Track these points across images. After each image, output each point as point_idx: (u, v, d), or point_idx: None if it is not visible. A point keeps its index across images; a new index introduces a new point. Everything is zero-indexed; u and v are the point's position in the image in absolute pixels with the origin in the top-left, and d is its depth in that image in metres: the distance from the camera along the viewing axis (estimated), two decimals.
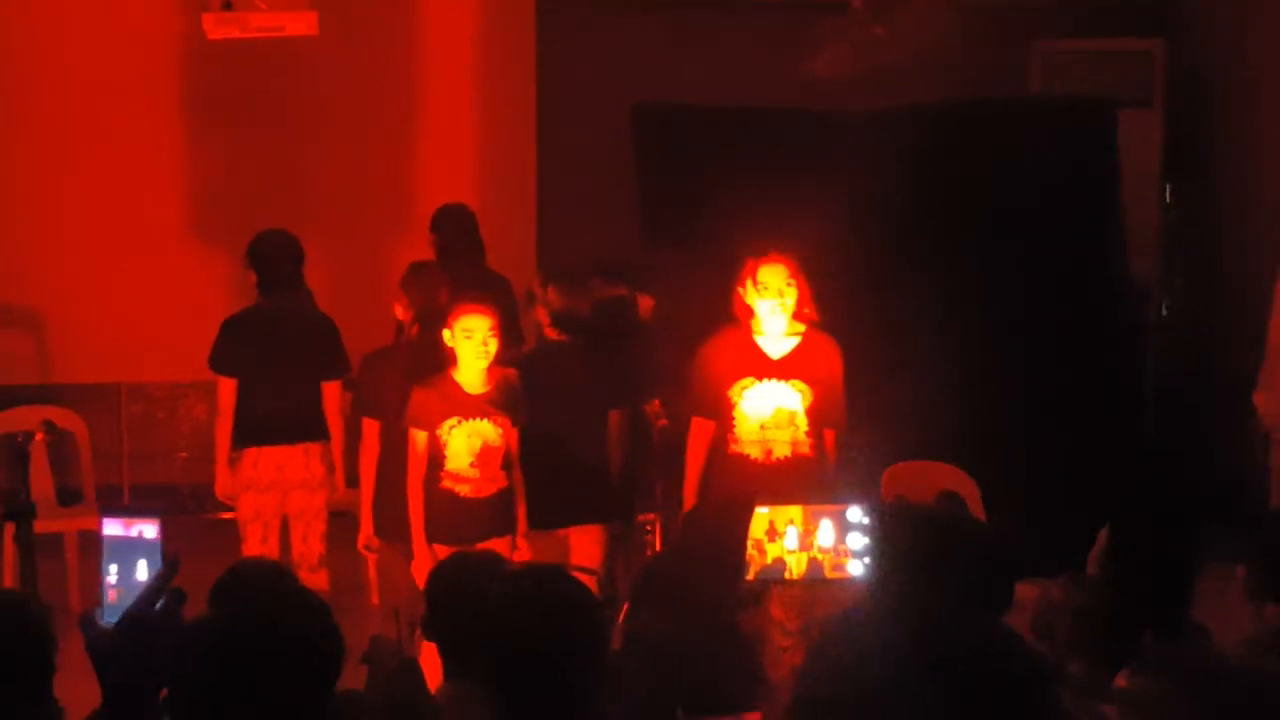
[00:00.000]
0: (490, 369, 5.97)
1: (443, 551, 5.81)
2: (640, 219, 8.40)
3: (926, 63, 9.21)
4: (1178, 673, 3.24)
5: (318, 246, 7.19)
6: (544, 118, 9.28)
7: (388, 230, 8.86)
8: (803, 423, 6.01)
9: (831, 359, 6.12)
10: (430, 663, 4.24)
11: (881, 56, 9.31)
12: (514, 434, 6.03)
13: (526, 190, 9.25)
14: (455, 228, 7.52)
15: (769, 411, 6.01)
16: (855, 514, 4.48)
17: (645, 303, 6.92)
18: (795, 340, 6.06)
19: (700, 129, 8.51)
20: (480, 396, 5.97)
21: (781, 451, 5.98)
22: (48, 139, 8.81)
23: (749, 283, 6.00)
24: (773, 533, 4.47)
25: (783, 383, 6.02)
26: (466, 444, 5.94)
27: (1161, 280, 9.75)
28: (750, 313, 6.04)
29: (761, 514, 4.50)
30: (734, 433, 6.03)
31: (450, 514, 5.95)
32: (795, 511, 4.54)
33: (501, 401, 6.00)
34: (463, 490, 5.96)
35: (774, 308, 5.98)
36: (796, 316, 6.05)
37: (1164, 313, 9.81)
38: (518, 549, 6.01)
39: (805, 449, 6.01)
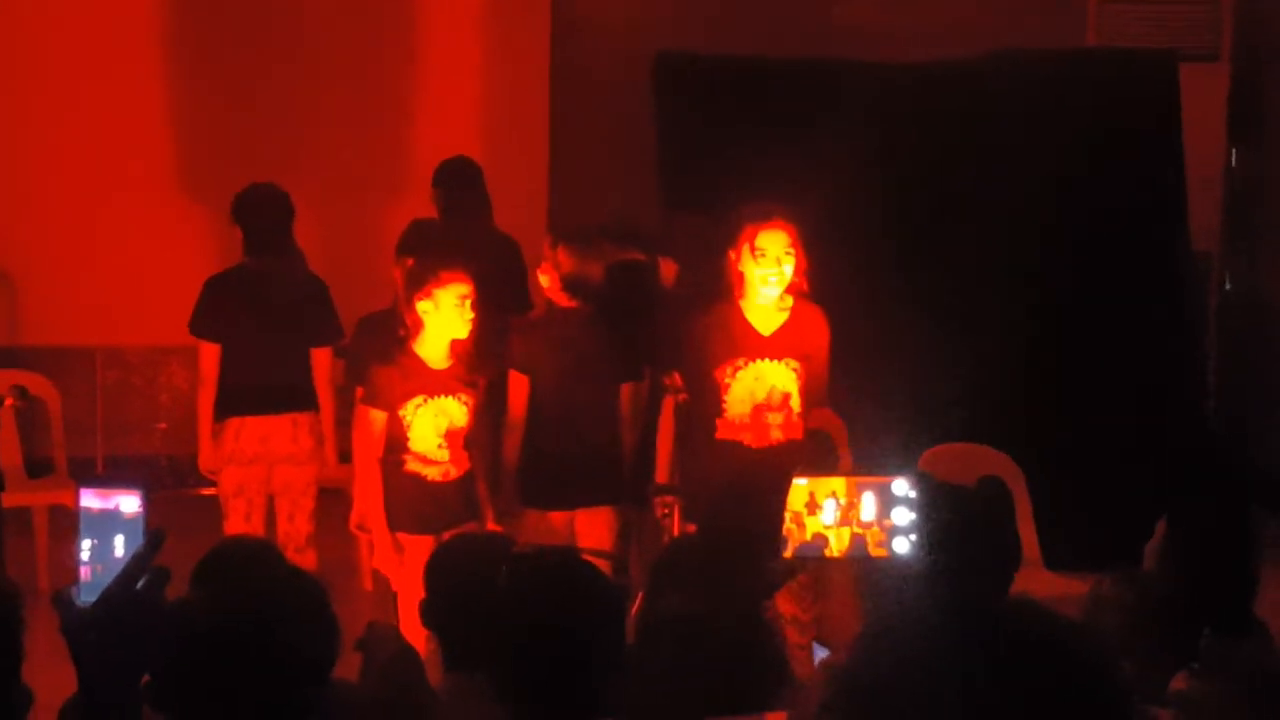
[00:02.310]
0: (453, 341, 5.94)
1: (407, 540, 5.80)
2: (660, 178, 8.37)
3: (974, 12, 9.17)
4: (1238, 673, 3.24)
5: (310, 202, 7.17)
6: (558, 65, 9.25)
7: (386, 186, 8.85)
8: (796, 404, 5.95)
9: (820, 331, 6.04)
10: (422, 649, 4.25)
11: (927, 4, 9.28)
12: (474, 411, 5.98)
13: (538, 144, 9.22)
14: (459, 183, 7.50)
15: (762, 393, 5.95)
16: (901, 487, 4.35)
17: (669, 268, 6.84)
18: (785, 315, 5.98)
19: (728, 81, 8.47)
20: (445, 372, 5.91)
21: (775, 435, 5.92)
22: (16, 85, 8.79)
23: (745, 249, 5.90)
24: (812, 505, 4.35)
25: (776, 362, 5.95)
26: (433, 424, 5.87)
27: (1225, 251, 9.71)
28: (742, 281, 5.95)
29: (800, 485, 4.38)
30: (724, 417, 5.96)
31: (418, 500, 5.88)
32: (839, 483, 4.37)
33: (464, 376, 5.97)
34: (431, 474, 5.89)
35: (769, 278, 5.89)
36: (789, 289, 5.95)
37: (1227, 286, 9.77)
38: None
39: (798, 432, 5.98)
